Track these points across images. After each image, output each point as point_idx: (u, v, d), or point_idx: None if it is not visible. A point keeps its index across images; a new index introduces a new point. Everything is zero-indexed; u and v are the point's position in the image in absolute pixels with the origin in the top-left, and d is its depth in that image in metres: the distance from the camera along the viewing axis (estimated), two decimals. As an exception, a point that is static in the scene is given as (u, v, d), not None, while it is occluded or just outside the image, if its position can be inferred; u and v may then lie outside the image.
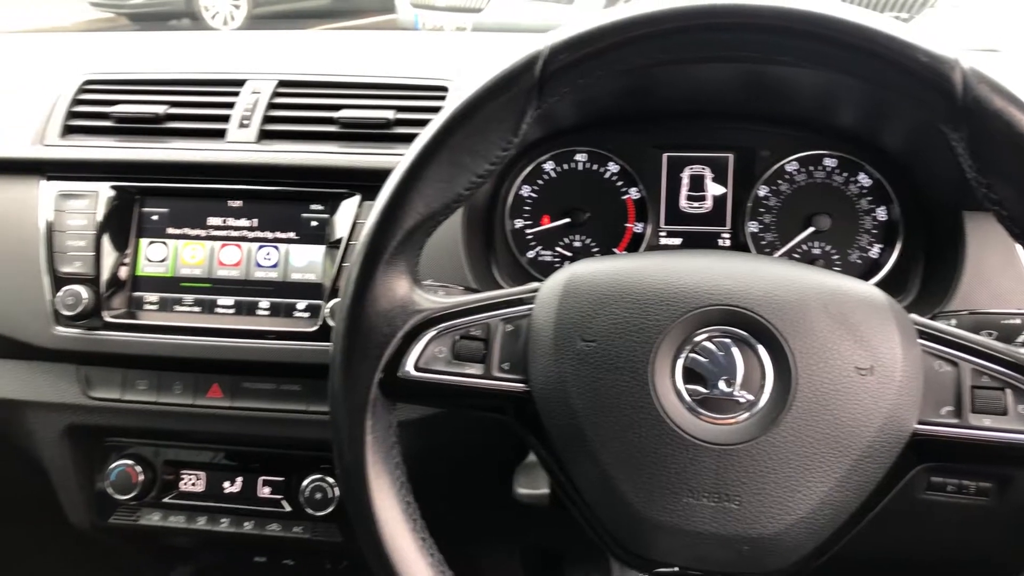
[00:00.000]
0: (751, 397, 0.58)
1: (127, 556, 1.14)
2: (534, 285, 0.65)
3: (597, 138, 0.98)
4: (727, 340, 0.59)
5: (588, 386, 0.59)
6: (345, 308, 0.63)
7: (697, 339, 0.59)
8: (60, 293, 0.91)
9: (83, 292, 0.91)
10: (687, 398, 0.58)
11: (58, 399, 0.96)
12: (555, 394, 0.60)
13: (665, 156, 0.97)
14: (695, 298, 0.59)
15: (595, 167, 0.98)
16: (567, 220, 0.98)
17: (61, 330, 0.92)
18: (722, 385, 0.58)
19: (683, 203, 0.97)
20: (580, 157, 0.98)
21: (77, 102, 1.00)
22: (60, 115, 0.99)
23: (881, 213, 0.95)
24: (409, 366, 0.64)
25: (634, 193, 0.98)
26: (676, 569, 0.62)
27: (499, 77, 0.60)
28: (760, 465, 0.56)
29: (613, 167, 0.98)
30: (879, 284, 0.80)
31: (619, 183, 0.98)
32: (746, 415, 0.58)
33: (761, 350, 0.58)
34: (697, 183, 0.97)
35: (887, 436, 0.56)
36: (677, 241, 0.98)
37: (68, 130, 0.98)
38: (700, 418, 0.58)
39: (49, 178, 0.96)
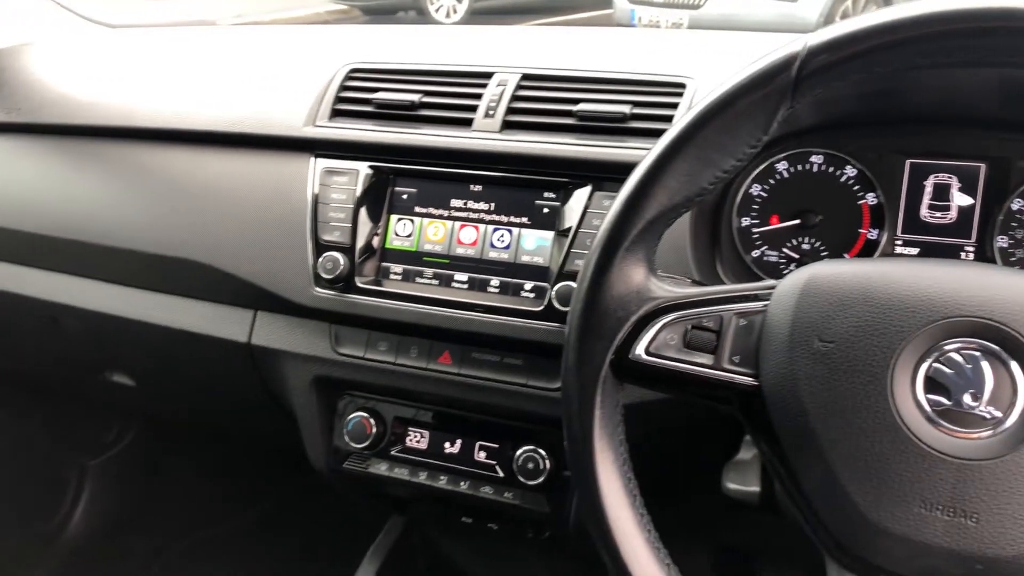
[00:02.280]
0: (999, 414, 0.56)
1: (352, 500, 1.25)
2: (771, 282, 0.66)
3: (835, 140, 0.96)
4: (976, 353, 0.57)
5: (822, 386, 0.60)
6: (583, 289, 0.67)
7: (943, 349, 0.58)
8: (321, 259, 1.03)
9: (340, 259, 1.02)
10: (927, 408, 0.57)
11: (310, 352, 1.08)
12: (786, 391, 0.61)
13: (908, 162, 0.94)
14: (944, 307, 0.58)
15: (831, 169, 0.96)
16: (797, 221, 0.97)
17: (319, 291, 1.04)
18: (967, 399, 0.57)
19: (924, 212, 0.93)
20: (816, 159, 0.97)
21: (344, 88, 1.11)
22: (329, 100, 1.10)
23: None
24: (640, 350, 0.67)
25: (871, 199, 0.95)
26: None
27: (755, 74, 0.62)
28: (1003, 484, 0.55)
29: (850, 171, 0.95)
30: None
31: (856, 187, 0.95)
32: (990, 432, 0.56)
33: (1015, 367, 0.56)
34: (941, 192, 0.93)
35: None
36: (914, 251, 0.94)
37: (335, 113, 1.10)
38: (939, 429, 0.57)
39: (317, 155, 1.08)
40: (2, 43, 1.53)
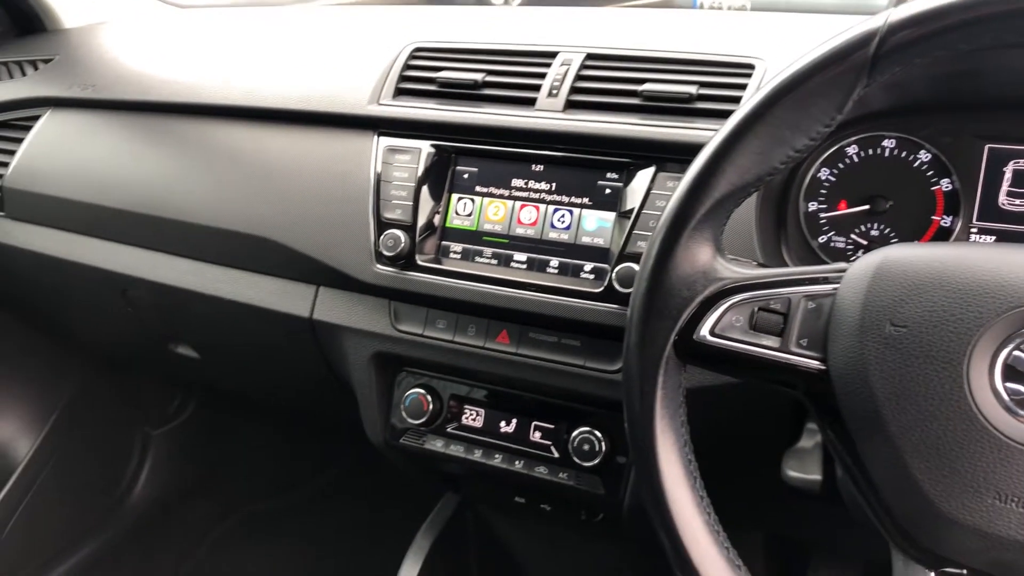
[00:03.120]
0: None
1: (407, 477, 1.27)
2: (842, 265, 0.65)
3: (909, 124, 0.93)
4: None
5: (893, 371, 0.58)
6: (648, 268, 0.67)
7: None
8: (383, 236, 1.04)
9: (401, 237, 1.03)
10: (1005, 397, 0.56)
11: (370, 328, 1.10)
12: (855, 375, 0.60)
13: (987, 147, 0.90)
14: None
15: (903, 154, 0.94)
16: (866, 207, 0.95)
17: (380, 268, 1.05)
18: (1048, 389, 0.55)
19: (1002, 199, 0.90)
20: (888, 143, 0.94)
21: (407, 67, 1.11)
22: (393, 78, 1.11)
23: None
24: (705, 331, 0.66)
25: (945, 184, 0.92)
26: (964, 572, 0.60)
27: (832, 51, 0.61)
28: None
29: (924, 155, 0.93)
30: None
31: (929, 173, 0.93)
32: None
33: None
34: (1021, 179, 0.90)
35: None
36: (990, 239, 0.91)
37: (399, 92, 1.10)
38: (1018, 419, 0.55)
39: (381, 134, 1.09)
40: (79, 22, 1.58)
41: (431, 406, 1.09)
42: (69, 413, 1.75)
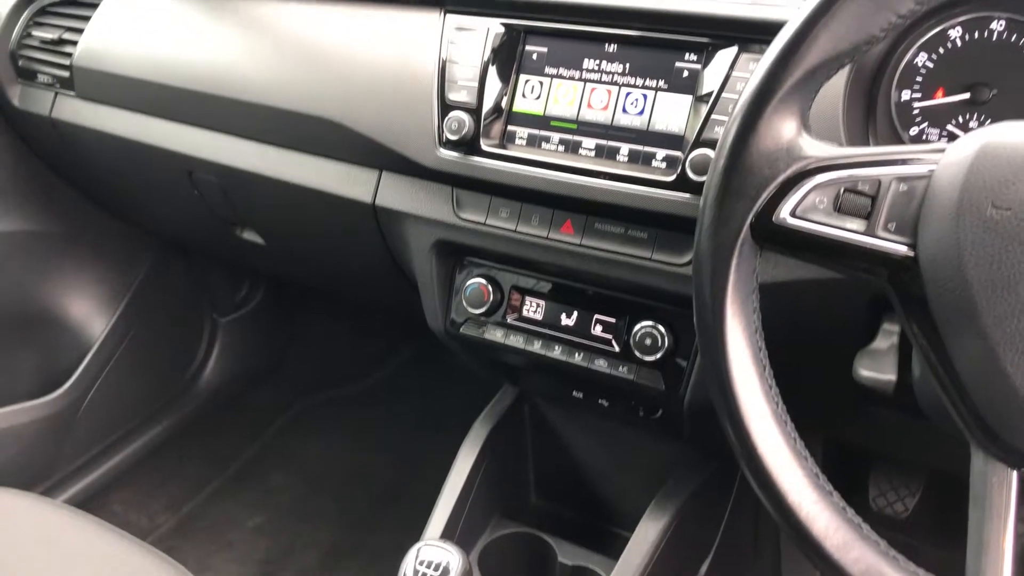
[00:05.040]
0: None
1: (466, 369, 1.27)
2: (939, 144, 0.60)
3: (1022, 4, 0.85)
4: None
5: (990, 258, 0.54)
6: (728, 144, 0.63)
7: None
8: (447, 119, 1.01)
9: (466, 120, 0.99)
10: (1112, 288, 0.51)
11: (432, 215, 1.08)
12: (947, 261, 0.56)
13: (1108, 31, 0.82)
14: None
15: (1013, 38, 0.85)
16: (966, 96, 0.87)
17: (444, 153, 1.02)
18: None
19: (1123, 88, 0.82)
20: (997, 25, 0.86)
21: None
22: (461, -47, 1.06)
23: None
24: (785, 213, 0.62)
25: (1058, 71, 0.84)
26: None
27: None
28: None
29: (1037, 39, 0.84)
30: None
31: (1042, 58, 0.85)
32: None
33: None
34: None
35: None
36: (1103, 131, 0.83)
37: None
38: None
39: (447, 11, 1.05)
40: None
41: (491, 296, 1.08)
42: (140, 295, 1.81)
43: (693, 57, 0.92)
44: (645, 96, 0.95)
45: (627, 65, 0.96)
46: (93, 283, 1.72)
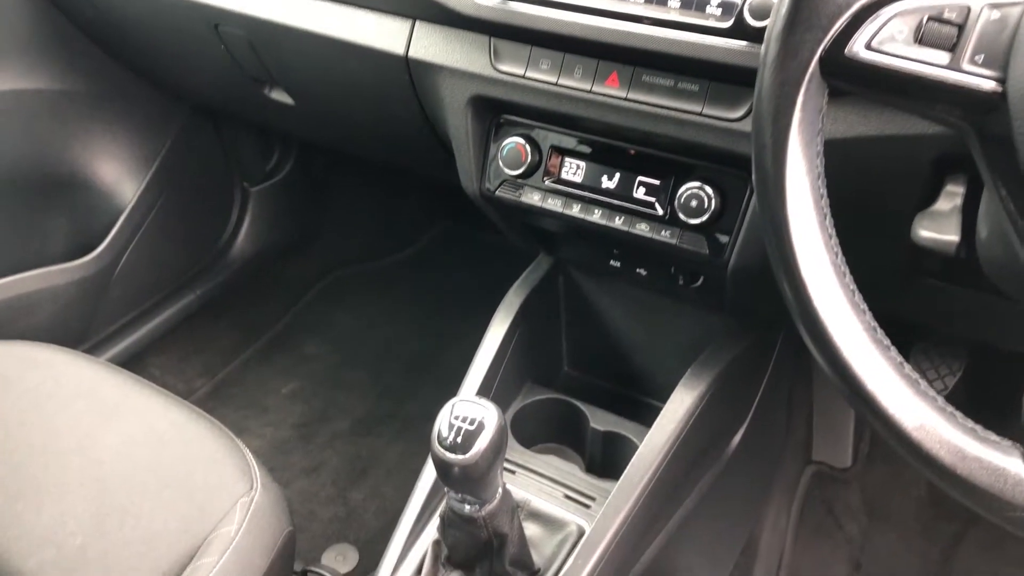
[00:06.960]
0: None
1: (502, 236, 1.24)
2: (1043, -36, 0.53)
3: None
4: None
5: (1094, 90, 0.48)
6: None
7: None
8: (485, -40, 0.94)
9: (506, -39, 0.92)
10: None
11: (468, 68, 1.02)
12: (1042, 96, 0.50)
13: None
14: None
15: None
16: None
17: (481, -3, 0.95)
18: None
19: None
20: None
21: None
22: None
23: None
24: (859, 45, 0.56)
25: None
26: None
27: None
28: None
29: None
30: None
31: None
32: None
33: None
34: None
35: None
36: None
37: None
38: None
39: None
40: None
41: (529, 157, 1.03)
42: (170, 162, 1.78)
43: None
44: (702, -67, 0.87)
45: (684, -102, 0.87)
46: (123, 147, 1.70)
